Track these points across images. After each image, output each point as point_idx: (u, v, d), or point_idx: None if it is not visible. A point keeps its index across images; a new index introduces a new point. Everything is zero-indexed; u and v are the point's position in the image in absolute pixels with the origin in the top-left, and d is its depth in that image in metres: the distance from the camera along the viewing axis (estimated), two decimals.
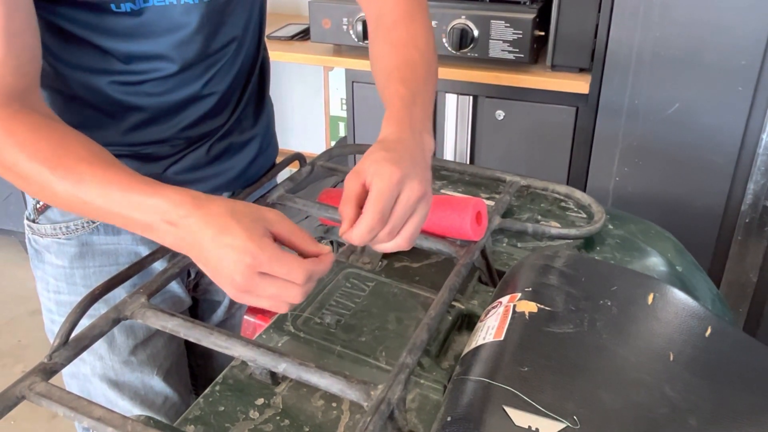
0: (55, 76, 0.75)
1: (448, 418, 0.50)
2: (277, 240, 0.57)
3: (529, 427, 0.47)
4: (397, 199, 0.59)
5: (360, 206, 0.59)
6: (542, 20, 1.53)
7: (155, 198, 0.57)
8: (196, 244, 0.56)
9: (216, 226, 0.55)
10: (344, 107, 2.29)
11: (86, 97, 0.76)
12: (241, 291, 0.55)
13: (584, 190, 0.91)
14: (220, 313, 1.00)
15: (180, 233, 0.56)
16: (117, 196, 0.58)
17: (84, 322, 0.61)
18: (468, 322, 0.71)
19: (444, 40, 1.56)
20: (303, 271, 0.54)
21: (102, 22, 0.70)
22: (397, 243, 0.62)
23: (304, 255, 0.57)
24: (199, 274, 0.95)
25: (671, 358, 0.55)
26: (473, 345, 0.57)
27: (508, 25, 1.49)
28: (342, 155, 1.00)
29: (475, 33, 1.53)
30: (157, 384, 0.90)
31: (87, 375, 0.87)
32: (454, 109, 1.65)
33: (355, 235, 0.59)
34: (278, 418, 0.59)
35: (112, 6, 0.68)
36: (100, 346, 0.85)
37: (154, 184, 0.58)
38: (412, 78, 0.72)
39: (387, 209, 0.58)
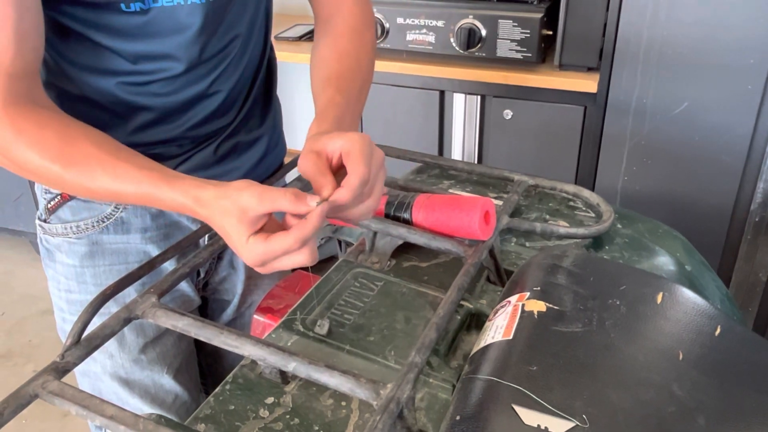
0: (63, 77, 0.76)
1: (457, 417, 0.50)
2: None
3: (538, 426, 0.47)
4: (372, 162, 0.61)
5: (329, 173, 0.61)
6: (550, 19, 1.53)
7: (164, 198, 0.62)
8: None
9: (219, 227, 0.60)
10: None
11: (94, 98, 0.77)
12: (261, 272, 0.61)
13: (592, 190, 0.91)
14: (229, 312, 1.00)
15: (204, 219, 0.62)
16: (130, 192, 0.63)
17: (95, 321, 0.62)
18: (476, 321, 0.71)
19: (452, 39, 1.56)
20: (295, 242, 0.57)
21: (110, 22, 0.71)
22: (370, 205, 0.63)
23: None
24: (209, 274, 0.95)
25: (680, 358, 0.55)
26: (482, 344, 0.58)
27: (516, 24, 1.49)
28: None
29: (483, 32, 1.53)
30: (167, 382, 0.90)
31: (98, 373, 0.88)
32: (462, 109, 1.65)
33: (348, 190, 0.59)
34: (288, 416, 0.59)
35: (122, 5, 0.69)
36: (110, 344, 0.85)
37: (160, 182, 0.62)
38: (347, 89, 0.77)
39: (369, 163, 0.61)
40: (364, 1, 0.87)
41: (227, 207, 0.59)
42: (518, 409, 0.49)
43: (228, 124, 0.86)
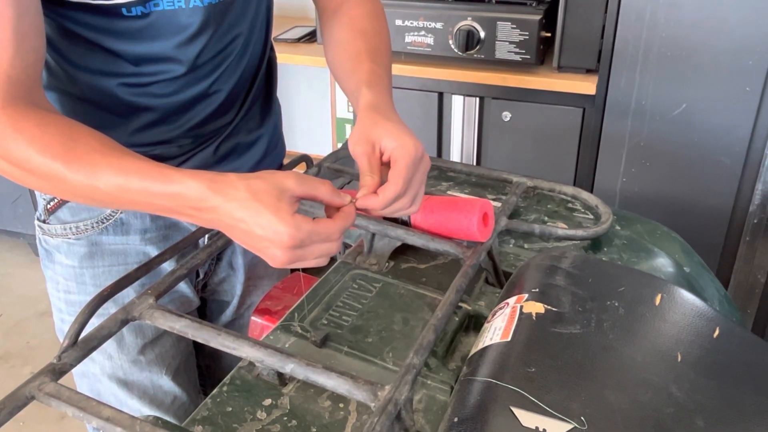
0: (64, 78, 0.76)
1: (455, 419, 0.50)
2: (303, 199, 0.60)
3: (537, 427, 0.47)
4: (417, 170, 0.65)
5: (378, 173, 0.64)
6: (548, 21, 1.53)
7: (173, 186, 0.58)
8: (228, 227, 0.59)
9: (244, 211, 0.56)
10: (351, 109, 2.29)
11: (95, 99, 0.77)
12: (285, 264, 0.59)
13: (591, 191, 0.91)
14: (228, 313, 1.00)
15: (207, 216, 0.59)
16: (135, 186, 0.59)
17: (93, 322, 0.61)
18: (475, 323, 0.71)
19: (450, 41, 1.56)
20: (337, 231, 0.59)
21: (111, 26, 0.71)
22: (412, 210, 0.67)
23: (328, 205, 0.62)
24: (208, 275, 0.95)
25: (679, 359, 0.55)
26: (480, 346, 0.58)
27: (515, 26, 1.49)
28: (348, 156, 1.01)
29: (482, 34, 1.53)
30: (165, 383, 0.90)
31: (96, 374, 0.88)
32: (461, 111, 1.65)
33: (381, 200, 0.62)
34: (285, 418, 0.59)
35: (123, 10, 0.69)
36: (109, 345, 0.85)
37: (169, 171, 0.59)
38: (380, 61, 0.77)
39: (411, 178, 0.64)
40: None
41: (260, 187, 0.56)
42: (516, 410, 0.48)
43: (228, 124, 0.86)
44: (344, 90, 0.79)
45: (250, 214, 0.56)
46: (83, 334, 0.60)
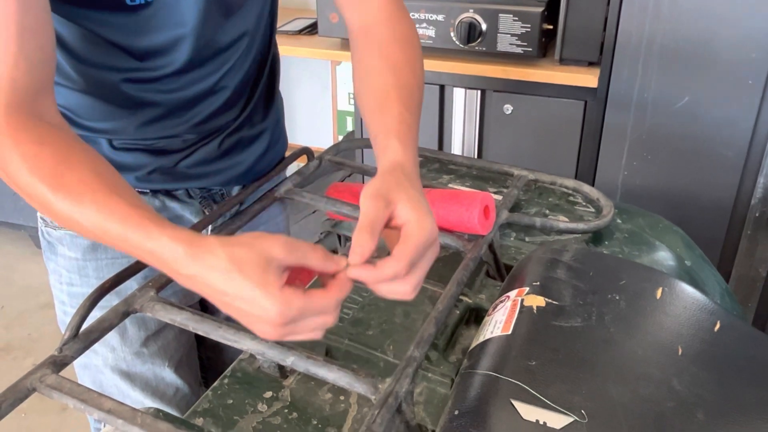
0: (68, 72, 0.76)
1: (456, 412, 0.50)
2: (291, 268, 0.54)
3: (537, 420, 0.47)
4: (425, 255, 0.57)
5: (377, 236, 0.56)
6: (550, 13, 1.52)
7: (150, 242, 0.54)
8: (209, 296, 0.54)
9: (227, 284, 0.51)
10: (352, 102, 2.29)
11: (100, 94, 0.76)
12: (277, 339, 0.54)
13: (593, 184, 0.91)
14: None
15: (184, 281, 0.54)
16: (114, 232, 0.55)
17: (96, 314, 0.62)
18: (476, 316, 0.71)
19: (452, 34, 1.55)
20: (333, 303, 0.53)
21: (115, 17, 0.70)
22: (408, 297, 0.58)
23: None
24: None
25: (680, 353, 0.55)
26: (481, 339, 0.58)
27: (517, 18, 1.49)
28: (349, 149, 1.01)
29: (483, 27, 1.52)
30: (168, 375, 0.91)
31: (99, 366, 0.88)
32: (462, 104, 1.65)
33: (377, 276, 0.54)
34: (286, 411, 0.60)
35: (127, 0, 0.69)
36: (112, 337, 0.86)
37: (149, 225, 0.55)
38: (410, 103, 0.71)
39: (416, 261, 0.56)
40: (401, 6, 0.80)
41: (244, 256, 0.51)
42: (517, 404, 0.49)
43: (233, 119, 0.86)
44: (368, 128, 0.72)
45: (232, 287, 0.50)
46: (85, 326, 0.61)
